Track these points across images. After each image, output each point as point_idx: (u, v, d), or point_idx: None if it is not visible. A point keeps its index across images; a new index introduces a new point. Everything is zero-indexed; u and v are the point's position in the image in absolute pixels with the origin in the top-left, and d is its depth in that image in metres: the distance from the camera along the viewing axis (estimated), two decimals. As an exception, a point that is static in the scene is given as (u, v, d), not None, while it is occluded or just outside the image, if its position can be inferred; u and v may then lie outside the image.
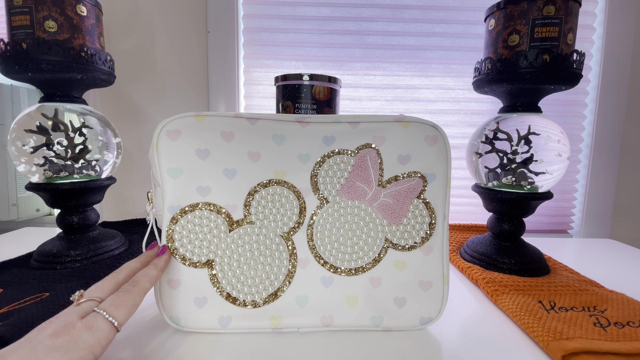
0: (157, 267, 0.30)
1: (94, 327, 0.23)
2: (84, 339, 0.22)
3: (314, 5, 0.73)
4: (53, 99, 0.46)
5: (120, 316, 0.24)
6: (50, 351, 0.20)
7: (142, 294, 0.27)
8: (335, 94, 0.50)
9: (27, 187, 0.46)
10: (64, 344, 0.21)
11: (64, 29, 0.42)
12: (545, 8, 0.42)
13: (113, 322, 0.24)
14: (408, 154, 0.33)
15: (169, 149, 0.31)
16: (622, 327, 0.33)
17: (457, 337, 0.33)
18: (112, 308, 0.24)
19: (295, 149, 0.33)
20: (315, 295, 0.33)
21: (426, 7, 0.73)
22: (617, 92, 0.74)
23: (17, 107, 0.71)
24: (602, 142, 0.75)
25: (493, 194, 0.48)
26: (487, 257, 0.49)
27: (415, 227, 0.34)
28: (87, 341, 0.22)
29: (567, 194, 0.78)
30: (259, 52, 0.74)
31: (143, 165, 0.76)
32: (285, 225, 0.33)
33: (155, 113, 0.75)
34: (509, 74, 0.44)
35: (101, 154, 0.49)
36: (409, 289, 0.33)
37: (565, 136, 0.48)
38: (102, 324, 0.23)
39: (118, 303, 0.25)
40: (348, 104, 0.76)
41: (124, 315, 0.25)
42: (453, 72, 0.75)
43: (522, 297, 0.39)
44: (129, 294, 0.26)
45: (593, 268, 0.53)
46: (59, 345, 0.21)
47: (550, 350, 0.30)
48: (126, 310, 0.25)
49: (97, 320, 0.23)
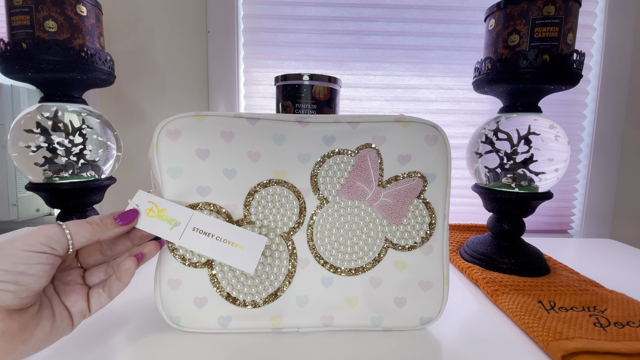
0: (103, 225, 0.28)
1: (47, 227, 0.24)
2: (34, 230, 0.24)
3: (314, 5, 0.73)
4: (53, 99, 0.46)
5: (74, 228, 0.25)
6: (8, 242, 0.23)
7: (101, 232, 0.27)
8: (335, 94, 0.50)
9: (27, 187, 0.46)
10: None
11: (64, 29, 0.42)
12: (545, 8, 0.42)
13: (62, 226, 0.25)
14: (408, 154, 0.33)
15: (168, 149, 0.31)
16: (622, 327, 0.33)
17: (457, 337, 0.33)
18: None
19: (295, 149, 0.33)
20: (315, 295, 0.33)
21: (426, 7, 0.73)
22: (617, 92, 0.74)
23: (17, 107, 0.71)
24: (602, 142, 0.75)
25: (493, 194, 0.48)
26: (487, 257, 0.49)
27: (415, 227, 0.34)
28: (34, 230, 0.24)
29: (567, 194, 0.78)
30: (259, 52, 0.74)
31: (143, 165, 0.76)
32: (285, 225, 0.33)
33: (155, 113, 0.75)
34: (509, 74, 0.44)
35: (101, 154, 0.49)
36: (409, 289, 0.33)
37: (565, 136, 0.48)
38: (55, 227, 0.25)
39: (81, 224, 0.26)
40: (348, 104, 0.76)
41: (78, 231, 0.25)
42: (453, 72, 0.75)
43: (522, 297, 0.39)
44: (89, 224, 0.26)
45: (593, 268, 0.53)
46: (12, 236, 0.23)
47: (550, 350, 0.30)
48: (82, 232, 0.25)
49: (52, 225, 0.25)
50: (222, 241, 0.30)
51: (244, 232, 0.30)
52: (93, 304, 0.27)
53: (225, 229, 0.30)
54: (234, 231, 0.30)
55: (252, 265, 0.29)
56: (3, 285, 0.21)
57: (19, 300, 0.22)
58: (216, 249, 0.30)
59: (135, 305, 0.37)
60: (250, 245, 0.30)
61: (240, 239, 0.30)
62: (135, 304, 0.38)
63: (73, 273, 0.28)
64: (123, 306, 0.37)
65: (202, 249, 0.29)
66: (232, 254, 0.30)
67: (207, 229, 0.30)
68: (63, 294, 0.27)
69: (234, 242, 0.30)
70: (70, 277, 0.28)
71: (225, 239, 0.30)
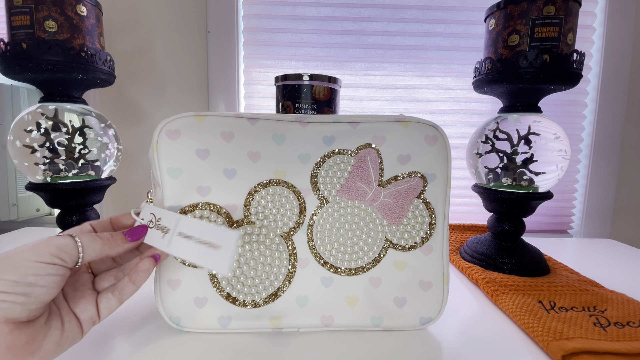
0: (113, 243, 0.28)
1: (59, 238, 0.24)
2: (45, 241, 0.24)
3: (314, 5, 0.73)
4: (53, 99, 0.46)
5: (85, 241, 0.25)
6: (18, 252, 0.22)
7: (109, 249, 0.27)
8: (335, 94, 0.50)
9: (27, 187, 0.46)
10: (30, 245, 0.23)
11: (64, 29, 0.42)
12: (545, 8, 0.42)
13: (74, 238, 0.25)
14: (408, 154, 0.33)
15: (169, 149, 0.31)
16: (622, 327, 0.33)
17: (457, 337, 0.33)
18: (81, 235, 0.25)
19: (295, 149, 0.33)
20: (315, 295, 0.33)
21: (426, 7, 0.73)
22: (617, 92, 0.74)
23: (17, 107, 0.71)
24: (602, 142, 0.75)
25: (493, 194, 0.48)
26: (487, 257, 0.49)
27: (415, 227, 0.34)
28: (47, 241, 0.24)
29: (567, 194, 0.78)
30: (259, 52, 0.74)
31: (143, 165, 0.76)
32: (285, 225, 0.33)
33: (155, 113, 0.75)
34: (509, 74, 0.44)
35: (101, 154, 0.49)
36: (409, 289, 0.33)
37: (565, 136, 0.48)
38: (68, 239, 0.24)
39: (92, 238, 0.26)
40: (348, 104, 0.76)
41: (89, 245, 0.25)
42: (453, 72, 0.75)
43: (522, 297, 0.39)
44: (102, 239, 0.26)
45: (593, 268, 0.53)
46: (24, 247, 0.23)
47: (550, 350, 0.30)
48: (92, 245, 0.25)
49: (65, 236, 0.25)
50: (202, 243, 0.27)
51: (218, 230, 0.28)
52: (102, 309, 0.27)
53: (204, 229, 0.28)
54: (210, 230, 0.28)
55: (226, 265, 0.26)
56: (12, 297, 0.21)
57: (28, 312, 0.22)
58: (194, 252, 0.27)
59: (135, 305, 0.37)
60: (224, 243, 0.27)
61: (217, 237, 0.27)
62: (135, 304, 0.38)
63: (83, 278, 0.28)
64: (123, 306, 0.37)
65: (183, 254, 0.28)
66: (208, 256, 0.27)
67: (190, 232, 0.28)
68: (72, 300, 0.26)
69: (211, 242, 0.27)
70: (79, 283, 0.28)
71: (204, 241, 0.28)
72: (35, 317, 0.22)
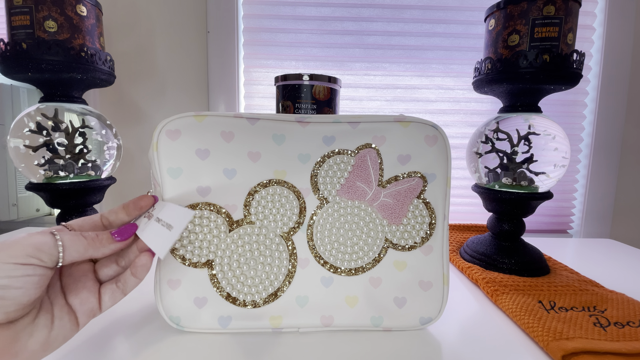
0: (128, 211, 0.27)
1: (38, 235, 0.22)
2: (21, 239, 0.22)
3: (314, 5, 0.73)
4: (53, 99, 0.46)
5: (67, 240, 0.23)
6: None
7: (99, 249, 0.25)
8: (335, 94, 0.50)
9: (27, 187, 0.46)
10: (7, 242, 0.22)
11: (64, 29, 0.42)
12: (545, 8, 0.42)
13: (55, 236, 0.23)
14: (408, 154, 0.33)
15: (168, 149, 0.31)
16: (622, 327, 0.33)
17: (457, 337, 0.33)
18: (65, 235, 0.24)
19: (295, 149, 0.33)
20: (315, 295, 0.33)
21: (426, 7, 0.73)
22: (617, 92, 0.74)
23: (17, 107, 0.71)
24: (602, 142, 0.75)
25: (493, 194, 0.48)
26: (487, 257, 0.49)
27: (415, 227, 0.34)
28: (25, 239, 0.22)
29: (567, 194, 0.78)
30: (259, 52, 0.74)
31: (143, 165, 0.76)
32: (285, 225, 0.33)
33: (155, 113, 0.75)
34: (509, 74, 0.44)
35: (101, 154, 0.49)
36: (409, 289, 0.33)
37: (565, 136, 0.48)
38: (48, 237, 0.23)
39: (75, 237, 0.24)
40: (348, 104, 0.76)
41: (71, 245, 0.23)
42: (453, 72, 0.75)
43: (522, 297, 0.39)
44: (87, 240, 0.25)
45: (593, 268, 0.53)
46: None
47: (550, 350, 0.30)
48: (75, 246, 0.24)
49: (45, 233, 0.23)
50: (163, 225, 0.27)
51: (176, 210, 0.27)
52: (106, 301, 0.26)
53: (169, 211, 0.27)
54: (171, 211, 0.27)
55: (165, 247, 0.25)
56: None
57: (5, 314, 0.20)
58: (152, 234, 0.26)
59: (135, 305, 0.37)
60: (177, 224, 0.26)
61: (174, 218, 0.26)
62: (135, 303, 0.38)
63: (84, 267, 0.27)
64: (123, 306, 0.37)
65: (146, 237, 0.26)
66: (159, 237, 0.26)
67: (161, 215, 0.27)
68: (72, 292, 0.25)
69: (169, 223, 0.26)
70: (80, 273, 0.26)
71: (166, 222, 0.27)
72: (17, 317, 0.22)
